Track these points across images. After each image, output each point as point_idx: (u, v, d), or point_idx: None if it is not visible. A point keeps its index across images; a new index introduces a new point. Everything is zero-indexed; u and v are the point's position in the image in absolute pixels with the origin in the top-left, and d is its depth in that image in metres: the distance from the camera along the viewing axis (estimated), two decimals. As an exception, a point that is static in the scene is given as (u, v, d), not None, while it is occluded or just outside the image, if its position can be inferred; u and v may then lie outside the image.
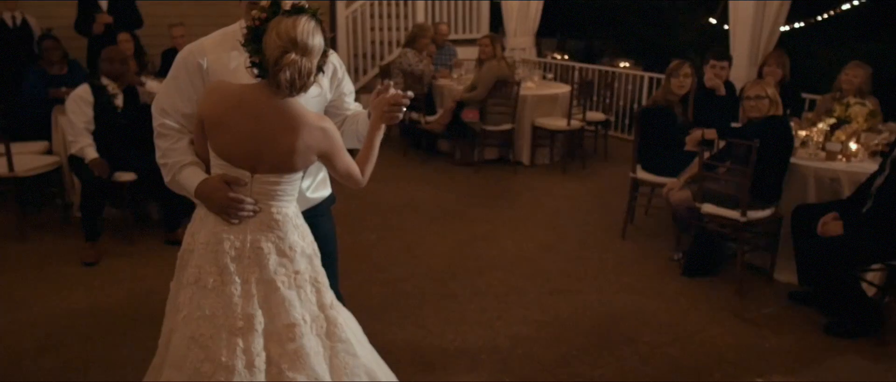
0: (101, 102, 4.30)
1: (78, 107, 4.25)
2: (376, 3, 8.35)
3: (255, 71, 1.93)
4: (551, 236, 4.78)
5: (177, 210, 4.44)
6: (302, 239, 2.10)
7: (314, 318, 2.11)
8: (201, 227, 2.07)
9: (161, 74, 6.17)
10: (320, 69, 1.94)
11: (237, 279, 2.01)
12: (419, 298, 3.81)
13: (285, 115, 1.95)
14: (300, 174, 2.07)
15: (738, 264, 3.87)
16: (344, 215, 5.12)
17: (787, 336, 3.42)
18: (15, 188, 4.50)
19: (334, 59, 2.29)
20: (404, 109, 2.16)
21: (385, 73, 7.25)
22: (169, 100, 2.16)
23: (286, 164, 1.99)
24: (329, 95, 2.29)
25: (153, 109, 2.19)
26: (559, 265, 4.28)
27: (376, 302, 3.74)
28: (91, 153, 4.21)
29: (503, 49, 6.70)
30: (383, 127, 2.19)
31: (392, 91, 2.16)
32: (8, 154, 4.34)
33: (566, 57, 13.07)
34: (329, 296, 2.17)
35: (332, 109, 2.36)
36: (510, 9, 8.82)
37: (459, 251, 4.51)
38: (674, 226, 4.44)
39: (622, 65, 11.19)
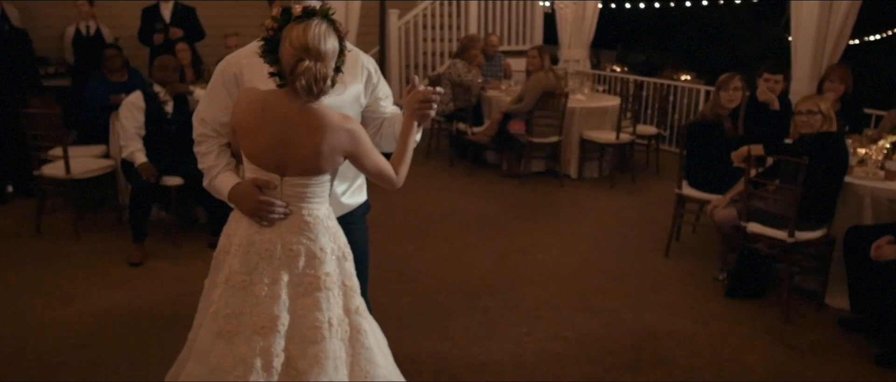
0: (153, 108, 4.45)
1: (130, 113, 4.42)
2: (429, 14, 8.40)
3: (278, 79, 1.97)
4: (591, 252, 4.67)
5: (221, 215, 4.54)
6: (333, 241, 2.11)
7: (339, 322, 2.12)
8: (236, 229, 2.12)
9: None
10: (338, 69, 1.94)
11: (266, 279, 2.04)
12: (449, 309, 3.77)
13: (309, 118, 1.96)
14: (327, 176, 2.07)
15: (785, 286, 3.67)
16: (384, 222, 5.16)
17: (834, 365, 3.22)
18: (71, 190, 4.71)
19: (369, 63, 2.29)
20: (435, 105, 2.12)
21: (434, 83, 7.26)
22: (208, 110, 2.23)
23: (313, 166, 2.01)
24: (364, 99, 2.28)
25: (194, 119, 2.27)
26: (596, 282, 4.17)
27: (406, 311, 3.72)
28: (140, 158, 4.36)
29: (556, 62, 6.63)
30: (417, 126, 2.17)
31: (421, 87, 2.14)
32: (65, 157, 4.54)
33: (625, 69, 12.84)
34: (356, 301, 2.18)
35: (369, 114, 2.37)
36: (565, 20, 8.72)
37: (496, 263, 4.45)
38: (721, 245, 4.26)
39: (683, 78, 10.90)
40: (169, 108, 4.53)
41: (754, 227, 3.75)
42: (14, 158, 5.33)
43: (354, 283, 2.17)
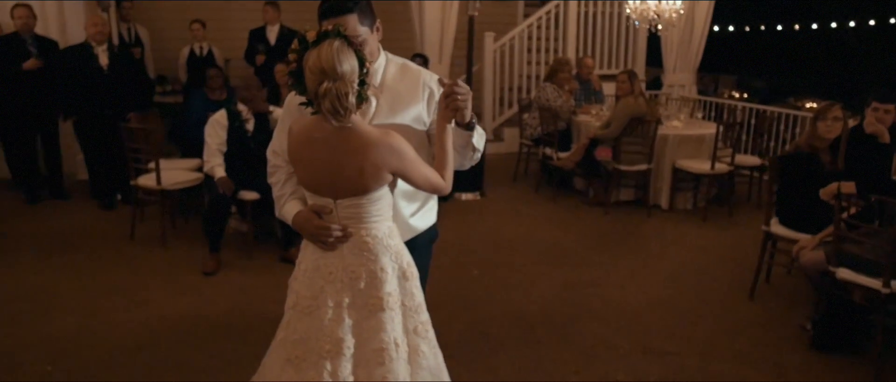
0: (235, 126, 4.67)
1: (213, 130, 4.66)
2: (525, 36, 8.32)
3: (311, 107, 1.97)
4: (668, 289, 4.36)
5: (292, 230, 4.68)
6: (394, 260, 2.09)
7: (402, 342, 2.10)
8: (304, 256, 2.16)
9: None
10: (363, 83, 1.92)
11: (330, 302, 2.06)
12: (500, 340, 3.63)
13: (349, 139, 1.96)
14: (382, 194, 2.05)
15: (878, 341, 3.23)
16: (453, 245, 5.11)
17: (928, 440, 2.78)
18: (163, 200, 5.02)
19: (432, 82, 2.23)
20: (460, 96, 2.02)
21: (525, 108, 7.16)
22: (278, 141, 2.29)
23: (361, 186, 2.00)
24: (427, 118, 2.22)
25: (267, 151, 2.33)
26: (665, 322, 3.87)
27: (455, 339, 3.62)
28: (219, 172, 4.58)
29: (659, 86, 6.34)
30: (451, 125, 2.10)
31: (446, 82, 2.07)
32: (157, 169, 4.86)
33: (744, 96, 12.08)
34: (415, 321, 2.15)
35: (433, 132, 2.32)
36: (670, 43, 8.33)
37: (560, 295, 4.26)
38: (813, 290, 3.84)
39: (809, 105, 10.10)
40: (250, 126, 4.72)
41: (845, 273, 3.34)
42: (123, 168, 5.80)
43: (414, 303, 2.14)
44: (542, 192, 6.65)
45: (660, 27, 6.78)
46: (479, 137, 2.23)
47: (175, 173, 5.15)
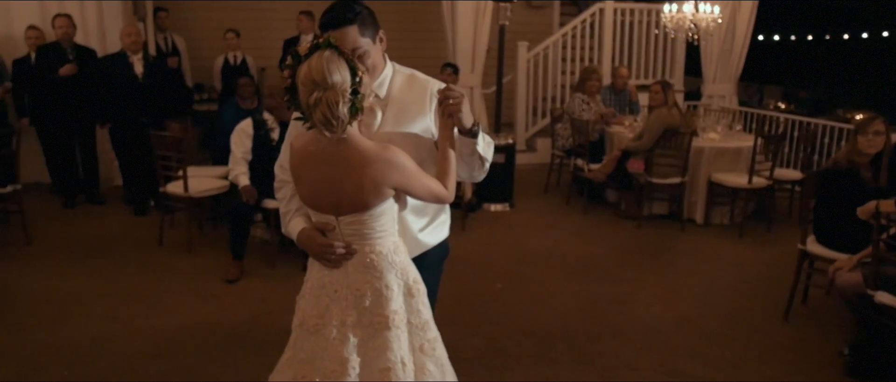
0: (260, 134, 4.69)
1: (239, 138, 4.68)
2: (560, 46, 8.20)
3: (307, 124, 1.93)
4: (697, 307, 4.19)
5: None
6: (400, 277, 2.04)
7: (408, 360, 2.05)
8: (310, 273, 2.13)
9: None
10: (356, 92, 1.85)
11: (335, 321, 2.03)
12: (516, 357, 3.54)
13: (346, 154, 1.92)
14: (384, 209, 2.00)
15: (920, 373, 3.03)
16: (478, 257, 5.03)
17: None
18: (190, 207, 5.07)
19: (436, 89, 2.13)
20: (452, 102, 1.96)
21: (557, 119, 7.04)
22: (285, 156, 2.24)
23: (361, 202, 1.95)
24: (435, 129, 2.14)
25: (275, 166, 2.29)
26: (692, 343, 3.72)
27: (469, 355, 3.54)
28: (243, 180, 4.60)
29: (698, 97, 6.15)
30: (451, 131, 2.04)
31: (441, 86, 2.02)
32: (184, 177, 4.90)
33: (790, 107, 11.71)
34: (421, 339, 2.09)
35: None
36: (710, 53, 8.10)
37: (585, 311, 4.13)
38: (851, 314, 3.63)
39: (857, 117, 9.70)
40: (275, 135, 4.73)
41: (884, 297, 3.14)
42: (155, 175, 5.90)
43: (421, 320, 2.08)
44: (573, 204, 6.52)
45: (696, 37, 6.59)
46: (485, 146, 2.16)
47: (203, 180, 5.19)
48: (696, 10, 6.38)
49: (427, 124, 2.12)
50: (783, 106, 11.81)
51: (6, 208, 5.31)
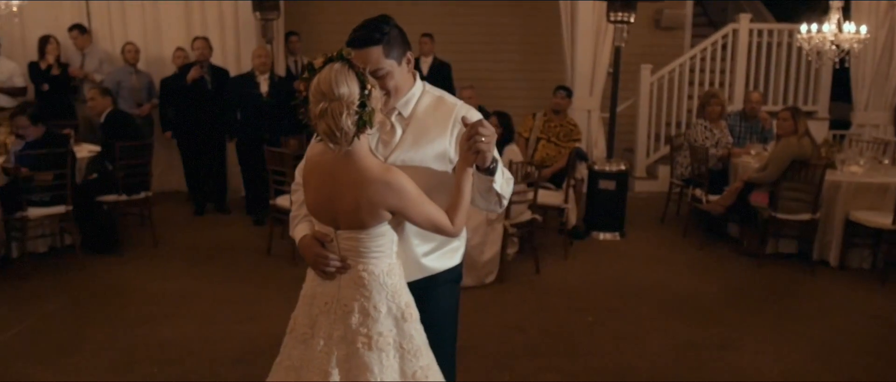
0: None
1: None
2: (687, 69, 7.74)
3: (317, 136, 1.95)
4: (814, 363, 3.73)
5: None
6: (391, 300, 2.02)
7: None
8: (306, 281, 2.16)
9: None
10: (363, 105, 1.83)
11: (322, 333, 2.05)
12: (592, 398, 3.32)
13: (349, 171, 1.92)
14: (382, 231, 1.98)
15: None
16: (573, 287, 4.83)
17: None
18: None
19: (462, 115, 2.06)
20: (484, 140, 1.88)
21: (676, 148, 6.63)
22: (303, 162, 2.29)
23: (357, 220, 1.95)
24: (454, 155, 2.09)
25: (296, 169, 2.34)
26: (798, 402, 3.31)
27: (542, 391, 3.38)
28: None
29: (847, 126, 5.54)
30: (471, 169, 1.98)
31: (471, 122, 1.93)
32: (290, 191, 5.13)
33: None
34: (413, 366, 2.04)
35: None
36: (861, 77, 7.30)
37: (679, 354, 3.82)
38: None
39: None
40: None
41: None
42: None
43: (413, 346, 2.03)
44: (689, 237, 6.08)
45: (841, 60, 5.96)
46: (504, 183, 2.05)
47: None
48: (839, 29, 5.77)
49: (445, 147, 2.06)
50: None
51: (141, 213, 5.82)
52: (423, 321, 2.07)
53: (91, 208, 5.24)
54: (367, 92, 1.84)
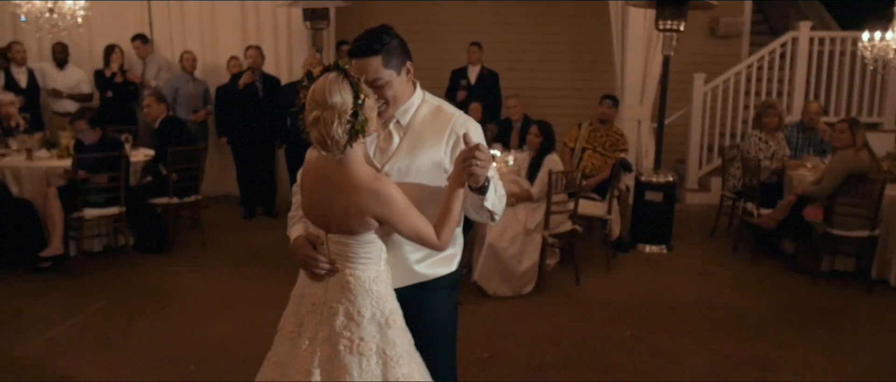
0: None
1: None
2: (743, 78, 7.50)
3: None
4: (862, 387, 3.55)
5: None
6: (375, 306, 2.04)
7: None
8: (298, 281, 2.21)
9: (499, 139, 6.66)
10: (355, 114, 1.86)
11: (308, 333, 2.09)
12: (621, 414, 3.24)
13: (339, 176, 1.96)
14: (371, 238, 2.02)
15: None
16: (614, 300, 4.74)
17: None
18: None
19: (461, 128, 2.10)
20: (479, 164, 1.89)
21: (729, 160, 6.43)
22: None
23: (345, 226, 1.99)
24: (449, 165, 2.12)
25: (299, 172, 2.37)
26: (841, 427, 3.15)
27: (571, 405, 3.32)
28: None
29: None
30: (462, 189, 2.00)
31: (472, 142, 1.94)
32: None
33: None
34: (398, 373, 2.06)
35: None
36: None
37: (719, 373, 3.69)
38: None
39: None
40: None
41: None
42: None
43: (395, 352, 2.04)
44: (740, 252, 5.88)
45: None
46: (496, 200, 2.06)
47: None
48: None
49: (440, 157, 2.08)
50: None
51: (192, 215, 6.03)
52: (417, 326, 2.09)
53: (144, 210, 5.45)
54: (360, 102, 1.87)
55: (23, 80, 6.78)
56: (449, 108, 2.16)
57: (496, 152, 5.74)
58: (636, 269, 5.48)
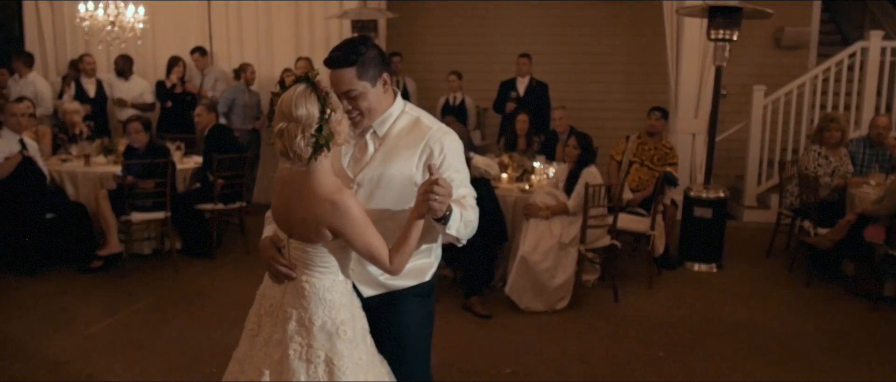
0: None
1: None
2: (807, 90, 7.13)
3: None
4: (914, 423, 3.27)
5: (475, 278, 4.64)
6: (327, 314, 2.05)
7: None
8: (263, 281, 2.23)
9: (542, 152, 6.55)
10: (320, 129, 1.86)
11: (264, 333, 2.13)
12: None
13: (303, 185, 1.97)
14: (331, 249, 2.02)
15: None
16: (650, 320, 4.57)
17: None
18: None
19: (435, 144, 2.08)
20: (436, 199, 1.86)
21: (789, 176, 6.10)
22: None
23: (304, 234, 2.01)
24: (418, 179, 2.09)
25: None
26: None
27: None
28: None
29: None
30: (421, 221, 1.97)
31: (436, 175, 1.91)
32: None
33: None
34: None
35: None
36: None
37: (753, 400, 3.48)
38: None
39: None
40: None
41: None
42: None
43: (344, 363, 2.03)
44: (795, 273, 5.55)
45: None
46: (462, 226, 2.00)
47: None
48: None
49: (412, 172, 2.06)
50: None
51: (239, 221, 6.18)
52: (387, 334, 2.07)
53: (191, 216, 5.63)
54: (325, 117, 1.86)
55: (92, 90, 7.17)
56: (427, 122, 2.13)
57: (537, 164, 5.65)
58: (681, 287, 5.25)
